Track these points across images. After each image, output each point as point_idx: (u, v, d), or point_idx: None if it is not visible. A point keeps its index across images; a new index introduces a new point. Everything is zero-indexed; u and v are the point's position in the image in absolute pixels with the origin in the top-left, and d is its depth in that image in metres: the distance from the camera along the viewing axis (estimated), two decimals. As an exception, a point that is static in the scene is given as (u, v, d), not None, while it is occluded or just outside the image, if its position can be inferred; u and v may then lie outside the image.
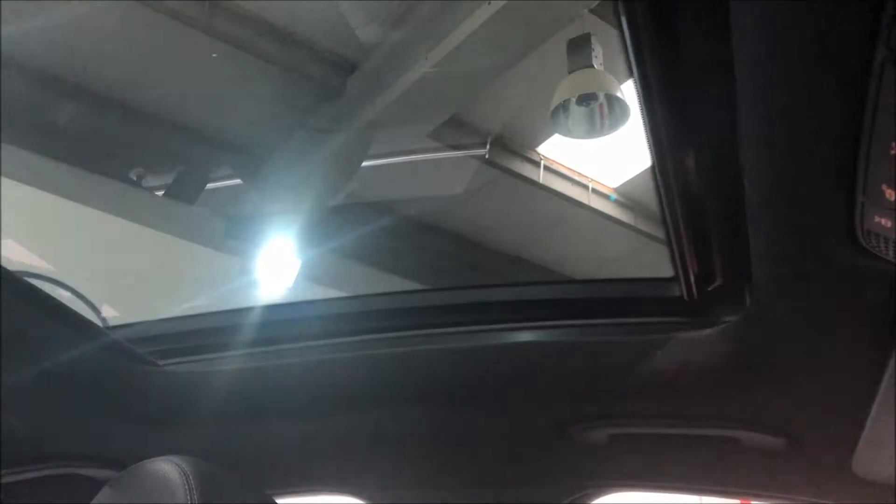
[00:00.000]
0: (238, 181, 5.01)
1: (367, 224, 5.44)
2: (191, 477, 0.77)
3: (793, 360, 0.76)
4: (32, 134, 4.08)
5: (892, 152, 0.45)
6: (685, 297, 0.87)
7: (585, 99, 3.85)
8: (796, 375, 0.77)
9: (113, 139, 4.49)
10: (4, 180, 3.44)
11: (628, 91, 4.01)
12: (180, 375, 1.09)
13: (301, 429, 1.06)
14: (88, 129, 4.36)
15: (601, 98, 3.85)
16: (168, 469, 0.78)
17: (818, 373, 0.75)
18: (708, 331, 0.86)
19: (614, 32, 3.52)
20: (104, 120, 4.41)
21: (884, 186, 0.47)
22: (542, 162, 5.11)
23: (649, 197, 5.54)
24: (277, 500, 0.98)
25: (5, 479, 1.04)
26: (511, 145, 5.01)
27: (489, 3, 3.53)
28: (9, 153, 3.65)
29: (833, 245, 0.57)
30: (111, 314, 1.08)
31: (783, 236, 0.62)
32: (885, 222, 0.49)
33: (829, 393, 0.77)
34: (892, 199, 0.47)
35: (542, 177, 5.10)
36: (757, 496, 1.02)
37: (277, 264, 4.77)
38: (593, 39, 3.77)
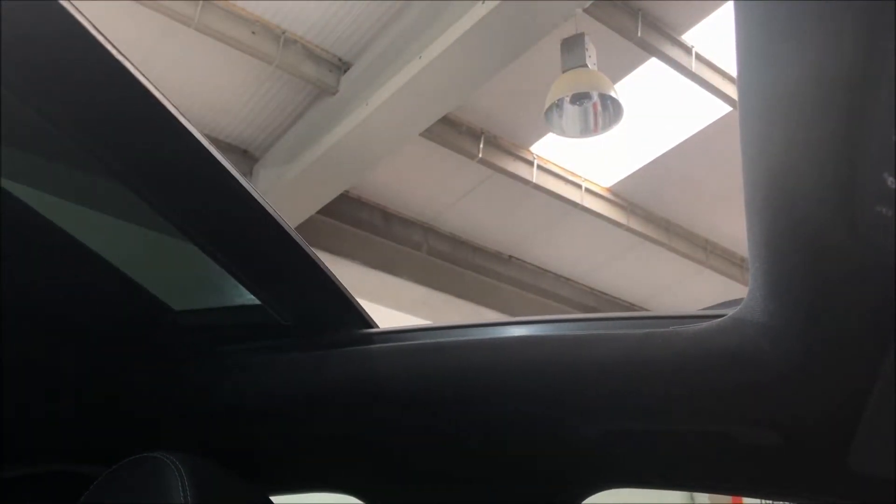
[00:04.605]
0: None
1: (358, 224, 5.44)
2: (185, 473, 0.76)
3: (788, 355, 0.75)
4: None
5: (894, 140, 0.45)
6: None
7: (579, 98, 3.86)
8: (791, 370, 0.76)
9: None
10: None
11: (621, 91, 4.02)
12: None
13: (300, 427, 1.05)
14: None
15: (595, 97, 3.86)
16: (162, 464, 0.77)
17: (814, 367, 0.75)
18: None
19: (608, 32, 3.56)
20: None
21: (885, 174, 0.46)
22: (536, 161, 5.12)
23: (643, 197, 5.56)
24: (275, 499, 0.97)
25: None
26: (504, 144, 5.01)
27: (483, 3, 3.53)
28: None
29: (831, 235, 0.56)
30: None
31: (780, 228, 0.62)
32: (886, 211, 0.48)
33: (825, 387, 0.77)
34: (893, 187, 0.46)
35: (536, 176, 5.11)
36: (752, 493, 1.01)
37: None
38: (587, 39, 3.78)
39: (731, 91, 4.50)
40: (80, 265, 0.89)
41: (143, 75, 0.68)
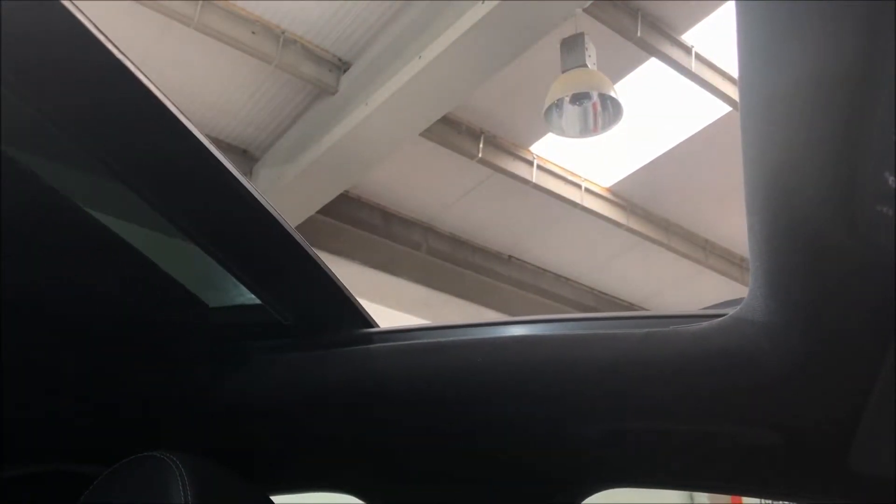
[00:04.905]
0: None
1: (358, 224, 5.44)
2: (185, 472, 0.76)
3: (788, 354, 0.75)
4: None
5: (895, 138, 0.45)
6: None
7: (579, 98, 3.86)
8: (792, 370, 0.76)
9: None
10: None
11: (621, 91, 4.02)
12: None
13: (300, 427, 1.05)
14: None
15: (594, 97, 3.86)
16: (162, 464, 0.77)
17: (814, 367, 0.75)
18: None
19: (608, 32, 3.55)
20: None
21: (886, 174, 0.46)
22: (535, 161, 5.12)
23: (642, 197, 5.56)
24: (276, 499, 0.97)
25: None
26: (504, 144, 5.01)
27: (483, 3, 3.53)
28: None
29: (832, 235, 0.56)
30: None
31: (781, 228, 0.62)
32: (887, 210, 0.48)
33: (825, 387, 0.77)
34: (894, 186, 0.46)
35: (535, 176, 5.10)
36: (751, 493, 1.01)
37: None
38: (587, 39, 3.78)
39: (731, 91, 4.50)
40: (80, 263, 0.89)
41: (144, 75, 0.68)
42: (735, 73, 0.55)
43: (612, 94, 3.74)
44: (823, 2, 0.45)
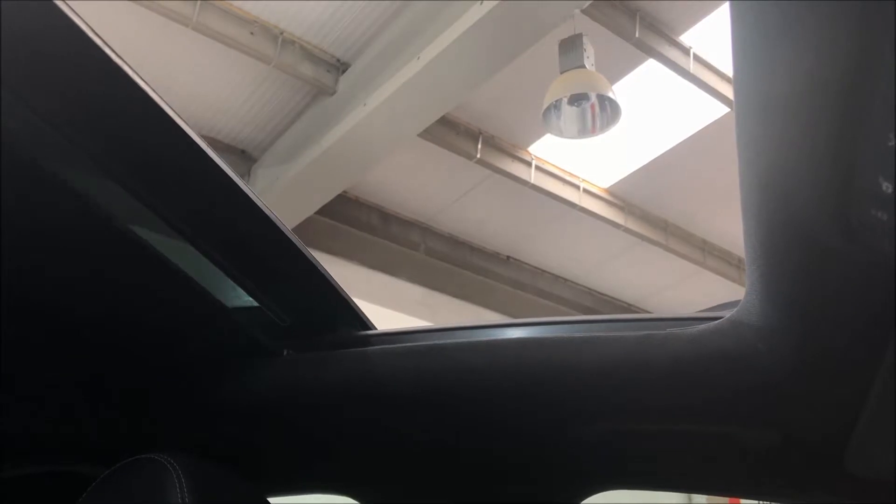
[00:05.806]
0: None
1: (356, 224, 5.44)
2: (182, 474, 0.76)
3: (784, 357, 0.75)
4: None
5: (890, 144, 0.45)
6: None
7: (577, 99, 3.86)
8: (787, 372, 0.77)
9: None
10: None
11: (619, 91, 4.02)
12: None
13: (297, 428, 1.05)
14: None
15: (593, 98, 3.86)
16: (159, 466, 0.77)
17: (810, 369, 0.75)
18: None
19: (606, 33, 3.55)
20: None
21: (880, 178, 0.46)
22: (534, 162, 5.12)
23: (641, 197, 5.57)
24: (274, 500, 0.97)
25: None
26: (502, 145, 5.01)
27: (481, 3, 3.53)
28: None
29: (827, 238, 0.56)
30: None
31: (776, 231, 0.62)
32: (882, 215, 0.48)
33: (821, 389, 0.77)
34: (889, 191, 0.46)
35: (534, 176, 5.11)
36: (749, 494, 1.02)
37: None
38: (585, 40, 3.78)
39: (729, 92, 4.50)
40: (79, 264, 0.89)
41: (139, 76, 0.68)
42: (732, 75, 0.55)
43: (611, 94, 3.74)
44: (819, 2, 0.44)
